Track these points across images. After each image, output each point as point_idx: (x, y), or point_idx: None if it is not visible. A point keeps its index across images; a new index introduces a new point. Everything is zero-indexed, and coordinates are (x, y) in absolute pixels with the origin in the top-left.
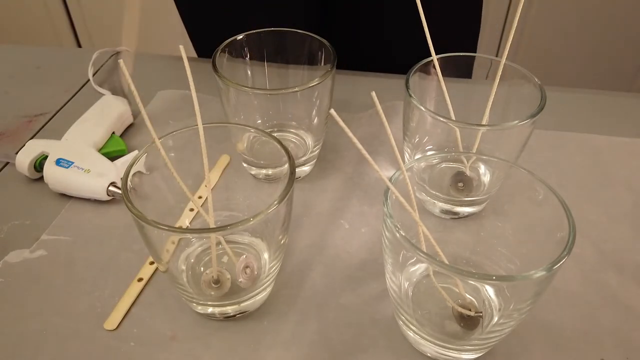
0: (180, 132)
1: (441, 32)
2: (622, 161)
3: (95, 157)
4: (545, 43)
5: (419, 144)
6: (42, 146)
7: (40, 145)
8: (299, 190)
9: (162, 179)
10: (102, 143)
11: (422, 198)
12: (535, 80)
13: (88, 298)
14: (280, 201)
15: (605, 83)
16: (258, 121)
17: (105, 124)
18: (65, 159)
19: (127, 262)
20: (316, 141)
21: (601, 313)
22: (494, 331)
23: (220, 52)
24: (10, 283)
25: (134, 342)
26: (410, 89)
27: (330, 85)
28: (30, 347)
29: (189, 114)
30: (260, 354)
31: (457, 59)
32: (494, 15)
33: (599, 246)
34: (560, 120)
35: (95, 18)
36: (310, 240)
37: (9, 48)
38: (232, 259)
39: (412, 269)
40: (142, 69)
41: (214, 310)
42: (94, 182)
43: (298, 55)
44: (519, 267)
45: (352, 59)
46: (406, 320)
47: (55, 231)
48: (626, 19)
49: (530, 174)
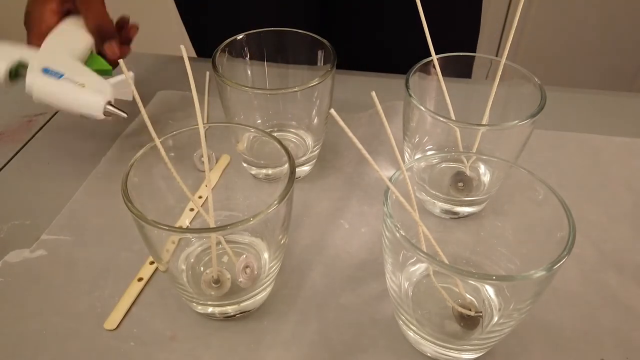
0: (180, 132)
1: (441, 32)
2: (622, 161)
3: (87, 71)
4: (545, 43)
5: (419, 144)
6: (19, 53)
7: (15, 52)
8: (299, 190)
9: (162, 179)
10: (84, 58)
11: (422, 198)
12: (535, 80)
13: (88, 298)
14: (280, 201)
15: (605, 83)
16: (258, 121)
17: (86, 37)
18: (54, 70)
19: (127, 262)
20: (316, 141)
21: (601, 313)
22: (494, 331)
23: (220, 52)
24: (10, 283)
25: (134, 342)
26: (410, 89)
27: (330, 85)
28: (30, 347)
29: (189, 114)
30: (260, 354)
31: (457, 59)
32: (494, 15)
33: (599, 246)
34: (560, 120)
35: None
36: (310, 240)
37: None
38: (232, 259)
39: (412, 269)
40: (142, 69)
41: (214, 310)
42: (91, 97)
43: (298, 55)
44: (519, 267)
45: (352, 59)
46: (406, 320)
47: (55, 231)
48: (626, 19)
49: (530, 174)
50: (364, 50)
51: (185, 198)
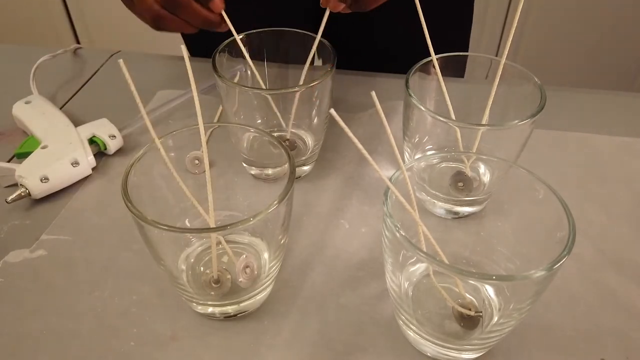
0: (180, 132)
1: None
2: (622, 161)
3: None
4: (545, 43)
5: (419, 143)
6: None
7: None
8: (299, 190)
9: (162, 179)
10: None
11: (422, 198)
12: (535, 80)
13: (88, 298)
14: (280, 201)
15: (605, 83)
16: (258, 121)
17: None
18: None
19: (127, 262)
20: (316, 141)
21: (601, 313)
22: (494, 331)
23: (220, 52)
24: (10, 283)
25: (134, 342)
26: (410, 89)
27: (330, 85)
28: (30, 347)
29: (188, 114)
30: (260, 354)
31: (455, 58)
32: (494, 15)
33: (599, 246)
34: (560, 120)
35: (95, 18)
36: (310, 240)
37: (8, 48)
38: (232, 259)
39: (412, 269)
40: (142, 69)
41: (214, 310)
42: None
43: (298, 55)
44: (519, 267)
45: (351, 58)
46: (406, 320)
47: (55, 231)
48: (626, 18)
49: (530, 173)
50: (363, 50)
51: (185, 198)
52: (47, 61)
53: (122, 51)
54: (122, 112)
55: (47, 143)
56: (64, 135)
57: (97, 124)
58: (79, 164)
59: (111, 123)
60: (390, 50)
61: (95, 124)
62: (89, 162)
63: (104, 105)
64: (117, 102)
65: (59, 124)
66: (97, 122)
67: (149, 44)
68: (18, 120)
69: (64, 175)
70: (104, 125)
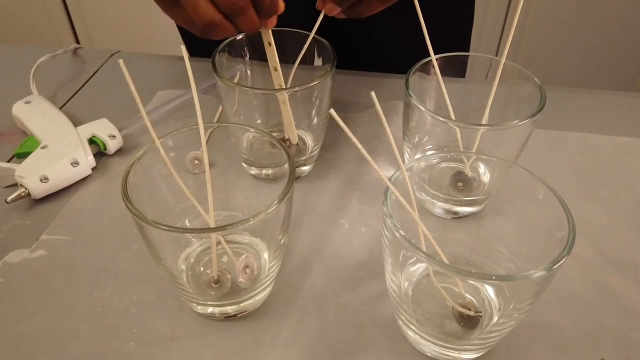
0: (180, 132)
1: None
2: (622, 161)
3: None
4: (545, 43)
5: (418, 143)
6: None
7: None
8: (299, 190)
9: (162, 179)
10: None
11: (422, 198)
12: (535, 80)
13: (88, 298)
14: (280, 201)
15: (605, 83)
16: (258, 121)
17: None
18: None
19: (127, 262)
20: (316, 141)
21: (601, 313)
22: (494, 331)
23: (219, 52)
24: (10, 283)
25: (134, 342)
26: (410, 89)
27: (329, 85)
28: (30, 347)
29: (188, 113)
30: (260, 353)
31: (455, 58)
32: (494, 15)
33: (598, 246)
34: (560, 120)
35: (95, 18)
36: (310, 240)
37: (8, 48)
38: (232, 259)
39: (412, 269)
40: (142, 69)
41: (214, 310)
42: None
43: (298, 55)
44: (519, 267)
45: (351, 59)
46: (406, 320)
47: (55, 231)
48: (626, 18)
49: (530, 173)
50: (363, 50)
51: (185, 198)
52: (47, 61)
53: (122, 51)
54: (122, 112)
55: (47, 143)
56: (64, 135)
57: (97, 124)
58: (78, 164)
59: (111, 123)
60: (390, 50)
61: (95, 124)
62: (88, 162)
63: (103, 105)
64: (117, 102)
65: (59, 124)
66: (97, 122)
67: (148, 44)
68: (18, 120)
69: (64, 175)
70: (104, 125)
